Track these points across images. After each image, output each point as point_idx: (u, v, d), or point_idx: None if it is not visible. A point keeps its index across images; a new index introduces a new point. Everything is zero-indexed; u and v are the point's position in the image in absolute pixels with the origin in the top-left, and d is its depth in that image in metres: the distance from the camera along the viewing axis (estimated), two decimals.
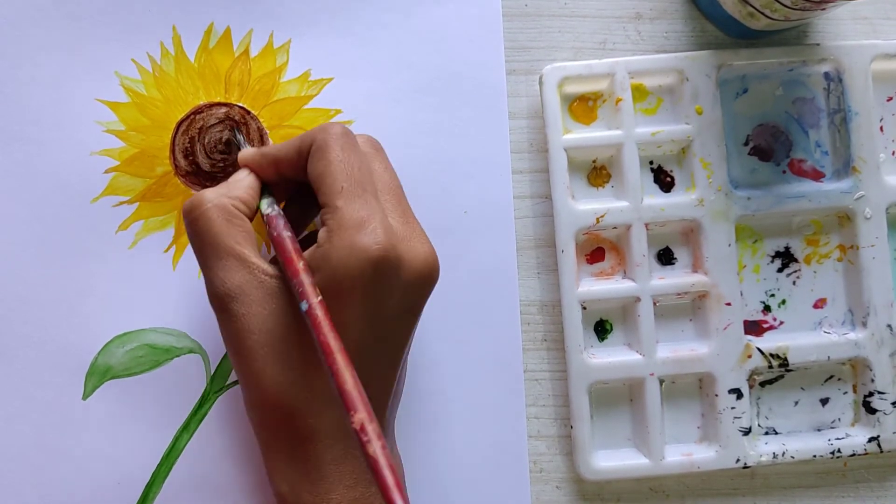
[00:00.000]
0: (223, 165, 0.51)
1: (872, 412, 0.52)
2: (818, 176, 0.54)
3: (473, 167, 0.53)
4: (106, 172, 0.52)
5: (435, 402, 0.52)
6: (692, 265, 0.53)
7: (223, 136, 0.51)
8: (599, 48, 0.55)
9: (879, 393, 0.52)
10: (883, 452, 0.52)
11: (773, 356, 0.52)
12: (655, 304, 0.52)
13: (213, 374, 0.51)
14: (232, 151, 0.51)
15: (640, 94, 0.54)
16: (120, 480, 0.50)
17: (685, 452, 0.51)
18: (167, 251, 0.51)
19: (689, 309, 0.53)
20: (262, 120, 0.52)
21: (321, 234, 0.40)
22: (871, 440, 0.51)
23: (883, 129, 0.54)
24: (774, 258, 0.54)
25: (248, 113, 0.51)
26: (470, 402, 0.52)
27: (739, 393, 0.51)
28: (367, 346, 0.40)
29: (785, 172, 0.54)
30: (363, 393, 0.36)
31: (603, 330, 0.53)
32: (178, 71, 0.52)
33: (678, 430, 0.53)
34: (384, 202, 0.42)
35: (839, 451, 0.51)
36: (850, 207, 0.52)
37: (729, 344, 0.51)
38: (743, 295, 0.53)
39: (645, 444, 0.51)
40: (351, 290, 0.39)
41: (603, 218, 0.52)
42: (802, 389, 0.53)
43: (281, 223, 0.42)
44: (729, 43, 0.55)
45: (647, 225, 0.52)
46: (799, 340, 0.52)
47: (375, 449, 0.34)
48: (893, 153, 0.54)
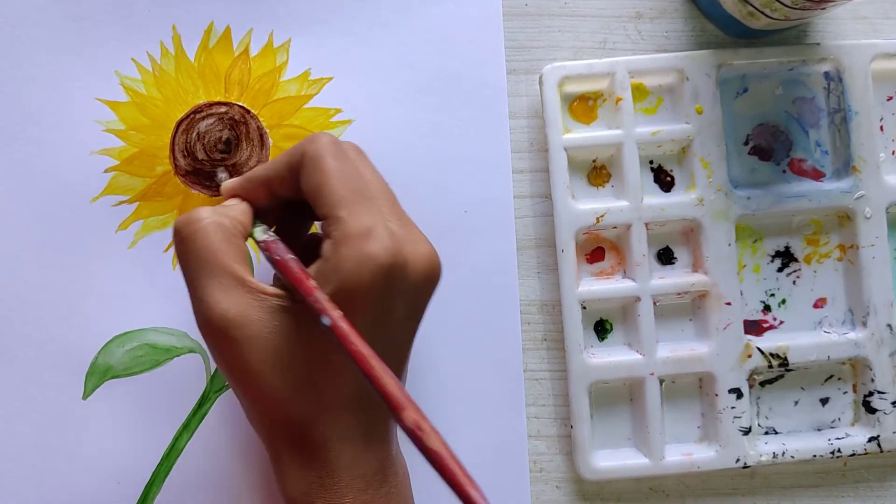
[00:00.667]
0: (223, 165, 0.52)
1: (872, 412, 0.52)
2: (818, 175, 0.54)
3: (473, 167, 0.53)
4: (106, 172, 0.52)
5: (435, 401, 0.52)
6: (692, 265, 0.53)
7: (223, 135, 0.51)
8: (599, 48, 0.55)
9: (879, 392, 0.52)
10: (883, 452, 0.52)
11: (773, 356, 0.52)
12: (655, 303, 0.52)
13: (213, 373, 0.51)
14: (232, 151, 0.51)
15: (640, 93, 0.54)
16: (120, 480, 0.50)
17: (685, 452, 0.51)
18: (167, 251, 0.51)
19: (689, 308, 0.53)
20: (261, 119, 0.52)
21: (326, 246, 0.39)
22: (871, 440, 0.51)
23: (883, 128, 0.54)
24: (774, 258, 0.54)
25: (247, 112, 0.51)
26: (470, 402, 0.52)
27: (739, 392, 0.51)
28: (375, 350, 0.40)
29: (785, 172, 0.54)
30: (406, 392, 0.36)
31: (603, 329, 0.53)
32: (177, 70, 0.52)
33: (678, 429, 0.53)
34: (381, 206, 0.42)
35: (839, 450, 0.51)
36: (850, 207, 0.52)
37: (729, 343, 0.51)
38: (743, 294, 0.53)
39: (645, 443, 0.51)
40: (362, 299, 0.38)
41: (603, 217, 0.52)
42: (802, 389, 0.53)
43: (281, 247, 0.41)
44: (729, 42, 0.55)
45: (647, 224, 0.52)
46: (799, 340, 0.52)
47: (436, 443, 0.34)
48: (893, 153, 0.54)
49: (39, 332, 0.51)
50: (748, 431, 0.51)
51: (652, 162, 0.54)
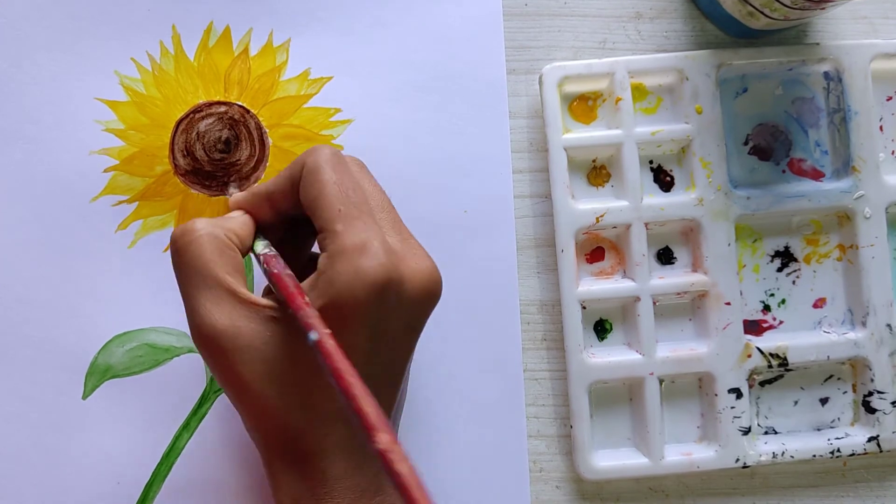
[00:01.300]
0: (223, 164, 0.52)
1: (872, 412, 0.52)
2: (818, 175, 0.54)
3: (473, 166, 0.53)
4: (105, 171, 0.52)
5: (435, 402, 0.52)
6: (692, 265, 0.53)
7: (222, 134, 0.51)
8: (599, 47, 0.55)
9: (879, 392, 0.52)
10: (882, 452, 0.52)
11: (772, 356, 0.52)
12: (655, 303, 0.52)
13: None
14: (231, 150, 0.51)
15: (639, 93, 0.54)
16: (120, 480, 0.50)
17: (685, 452, 0.51)
18: (167, 250, 0.51)
19: (688, 308, 0.53)
20: (261, 119, 0.52)
21: (322, 260, 0.39)
22: (870, 440, 0.51)
23: (882, 128, 0.54)
24: (774, 258, 0.54)
25: (247, 112, 0.51)
26: (470, 402, 0.52)
27: (739, 392, 0.51)
28: (370, 366, 0.39)
29: (784, 172, 0.54)
30: (383, 415, 0.35)
31: (603, 329, 0.53)
32: (177, 70, 0.52)
33: (678, 429, 0.53)
34: (380, 221, 0.42)
35: (839, 450, 0.51)
36: (849, 207, 0.52)
37: (728, 343, 0.51)
38: (742, 294, 0.53)
39: (644, 443, 0.51)
40: (355, 314, 0.38)
41: (603, 217, 0.52)
42: (802, 389, 0.53)
43: (280, 263, 0.41)
44: (729, 42, 0.55)
45: (646, 224, 0.52)
46: (798, 340, 0.52)
47: (403, 469, 0.34)
48: (893, 153, 0.54)
49: (39, 331, 0.51)
50: (748, 431, 0.51)
51: (652, 162, 0.54)
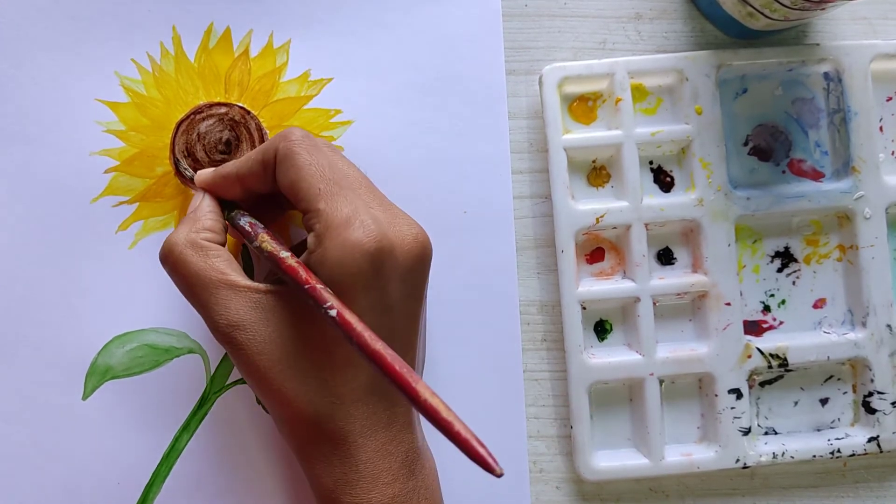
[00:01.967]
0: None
1: (872, 412, 0.52)
2: (818, 176, 0.54)
3: (473, 167, 0.53)
4: (106, 172, 0.52)
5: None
6: (692, 265, 0.53)
7: (223, 136, 0.51)
8: (599, 48, 0.55)
9: (879, 393, 0.52)
10: (882, 452, 0.52)
11: (772, 356, 0.52)
12: (655, 304, 0.52)
13: (213, 374, 0.51)
14: (232, 152, 0.51)
15: (639, 94, 0.54)
16: (120, 480, 0.50)
17: (685, 452, 0.51)
18: None
19: (688, 309, 0.53)
20: (262, 120, 0.52)
21: (310, 239, 0.40)
22: (870, 440, 0.51)
23: (882, 128, 0.54)
24: (774, 258, 0.54)
25: (247, 113, 0.51)
26: (470, 402, 0.52)
27: (739, 393, 0.51)
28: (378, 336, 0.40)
29: (784, 172, 0.54)
30: (414, 373, 0.36)
31: (603, 330, 0.53)
32: (177, 71, 0.52)
33: (678, 430, 0.53)
34: (361, 195, 0.42)
35: (839, 451, 0.51)
36: (849, 207, 0.52)
37: (728, 344, 0.51)
38: (742, 295, 0.53)
39: (645, 444, 0.51)
40: (352, 287, 0.39)
41: (603, 218, 0.52)
42: (802, 389, 0.53)
43: (274, 240, 0.42)
44: (728, 43, 0.55)
45: (646, 225, 0.52)
46: (798, 340, 0.52)
47: (449, 415, 0.34)
48: (893, 153, 0.54)
49: (39, 332, 0.51)
50: (748, 432, 0.51)
51: (651, 162, 0.54)
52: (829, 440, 0.52)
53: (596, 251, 0.54)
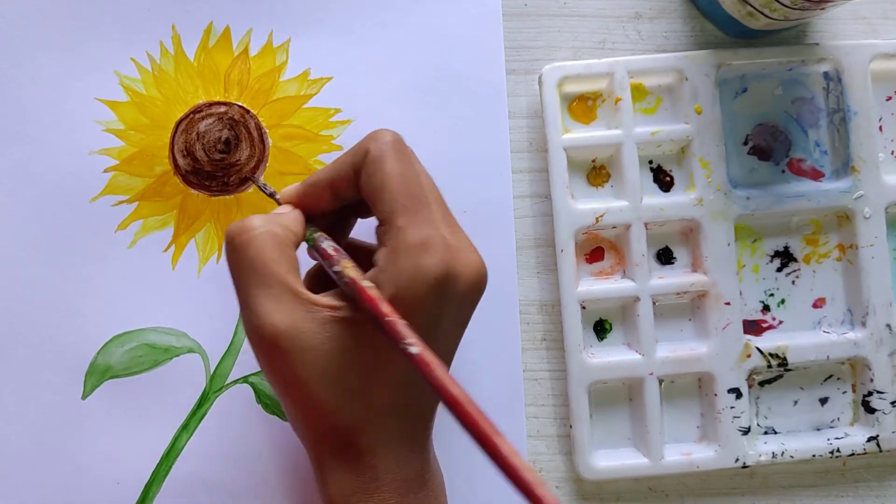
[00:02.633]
0: (223, 165, 0.52)
1: (871, 412, 0.52)
2: (817, 175, 0.54)
3: (473, 167, 0.53)
4: (105, 172, 0.52)
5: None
6: (691, 265, 0.53)
7: (222, 135, 0.51)
8: (599, 48, 0.55)
9: (878, 392, 0.52)
10: (882, 452, 0.52)
11: (772, 356, 0.52)
12: (655, 303, 0.52)
13: (212, 373, 0.51)
14: (231, 151, 0.51)
15: (639, 93, 0.54)
16: (119, 480, 0.50)
17: (684, 452, 0.51)
18: (166, 251, 0.51)
19: (688, 308, 0.53)
20: (261, 119, 0.52)
21: (381, 255, 0.39)
22: (870, 440, 0.51)
23: (882, 128, 0.54)
24: (774, 258, 0.54)
25: (247, 112, 0.51)
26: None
27: (739, 392, 0.51)
28: None
29: (784, 172, 0.54)
30: (495, 425, 0.35)
31: (602, 329, 0.53)
32: (177, 70, 0.52)
33: (677, 429, 0.53)
34: (435, 214, 0.41)
35: (838, 450, 0.51)
36: (849, 207, 0.52)
37: (728, 343, 0.51)
38: (742, 294, 0.53)
39: (644, 443, 0.51)
40: (416, 311, 0.38)
41: (602, 217, 0.52)
42: (801, 389, 0.53)
43: (350, 263, 0.40)
44: (728, 42, 0.55)
45: (646, 224, 0.52)
46: (798, 340, 0.52)
47: (532, 477, 0.34)
48: (892, 153, 0.54)
49: (38, 331, 0.51)
50: (747, 431, 0.51)
51: (651, 162, 0.54)
52: (828, 440, 0.52)
53: (596, 251, 0.54)
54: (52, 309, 0.51)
